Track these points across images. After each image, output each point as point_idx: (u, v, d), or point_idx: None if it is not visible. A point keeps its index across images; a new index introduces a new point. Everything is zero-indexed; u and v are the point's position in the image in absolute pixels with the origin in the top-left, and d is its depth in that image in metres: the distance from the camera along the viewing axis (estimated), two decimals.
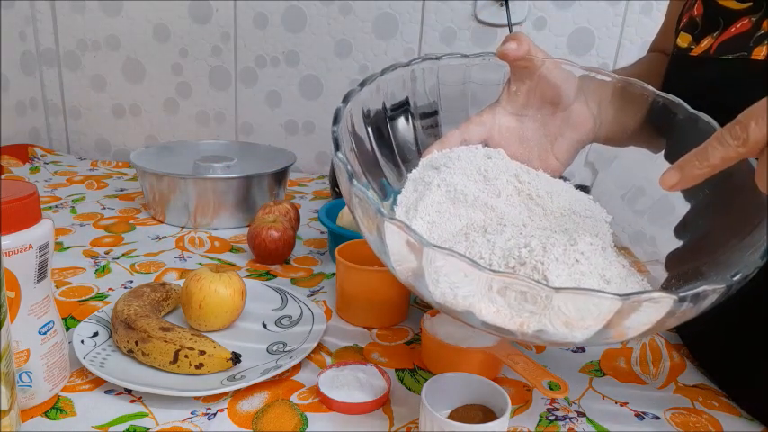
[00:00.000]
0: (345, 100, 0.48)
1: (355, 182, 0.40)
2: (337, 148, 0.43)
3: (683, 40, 0.59)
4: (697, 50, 0.57)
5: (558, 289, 0.34)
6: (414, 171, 0.53)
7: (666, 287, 0.46)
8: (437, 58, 0.55)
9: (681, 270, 0.47)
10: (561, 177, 0.56)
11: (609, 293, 0.34)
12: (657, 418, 0.51)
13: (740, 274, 0.37)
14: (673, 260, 0.49)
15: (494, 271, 0.35)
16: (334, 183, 1.05)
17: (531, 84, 0.54)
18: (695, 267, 0.45)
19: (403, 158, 0.56)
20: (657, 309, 0.35)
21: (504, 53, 0.51)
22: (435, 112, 0.58)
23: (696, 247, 0.48)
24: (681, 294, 0.35)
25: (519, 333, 0.38)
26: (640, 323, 0.37)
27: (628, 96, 0.54)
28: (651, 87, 0.53)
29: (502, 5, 1.16)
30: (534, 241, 0.42)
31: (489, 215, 0.49)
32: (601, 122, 0.55)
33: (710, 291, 0.36)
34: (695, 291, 0.35)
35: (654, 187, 0.53)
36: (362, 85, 0.50)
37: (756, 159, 0.37)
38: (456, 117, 0.57)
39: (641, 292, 0.35)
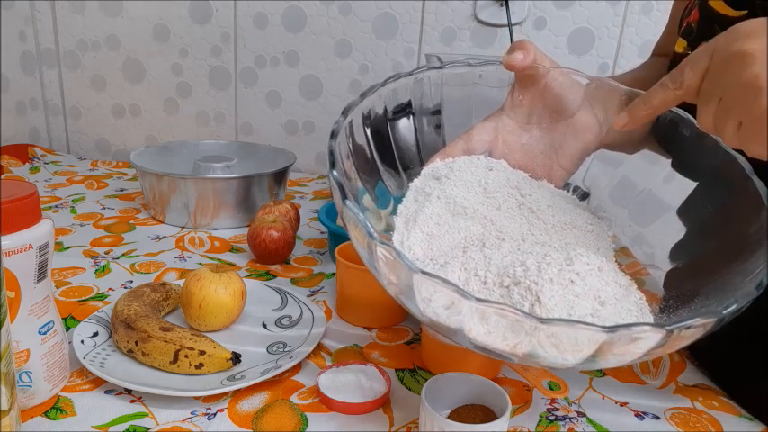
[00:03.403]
0: (345, 113, 0.48)
1: (348, 203, 0.40)
2: (333, 165, 0.43)
3: (680, 46, 0.58)
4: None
5: (542, 320, 0.34)
6: (415, 180, 0.52)
7: (664, 308, 0.46)
8: (441, 67, 0.55)
9: (680, 291, 0.46)
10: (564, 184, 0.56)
11: (594, 326, 0.34)
12: (657, 418, 0.51)
13: (734, 306, 0.37)
14: (673, 280, 0.48)
15: (479, 300, 0.35)
16: None
17: (535, 92, 0.54)
18: (695, 290, 0.45)
19: (404, 165, 0.56)
20: (646, 340, 0.35)
21: (510, 64, 0.51)
22: (438, 111, 0.58)
23: (696, 268, 0.47)
24: (668, 328, 0.34)
25: (511, 355, 0.38)
26: (632, 353, 0.36)
27: None
28: None
29: (502, 5, 1.16)
30: (530, 260, 0.42)
31: (488, 228, 0.49)
32: (607, 129, 0.54)
33: (700, 324, 0.35)
34: (685, 324, 0.35)
35: (658, 200, 0.53)
36: (363, 96, 0.50)
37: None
38: (460, 119, 0.57)
39: (628, 325, 0.35)
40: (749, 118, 0.38)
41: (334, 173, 0.42)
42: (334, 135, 0.45)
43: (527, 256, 0.42)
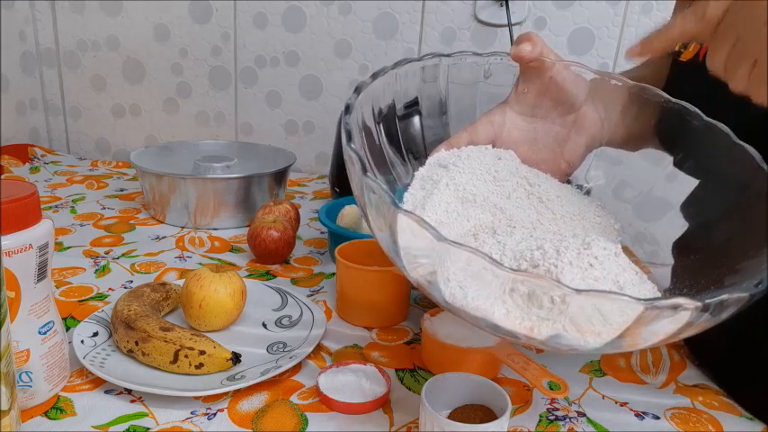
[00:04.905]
0: (357, 91, 0.47)
1: (369, 174, 0.39)
2: (349, 138, 0.42)
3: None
4: (685, 56, 0.57)
5: (578, 291, 0.33)
6: (421, 169, 0.52)
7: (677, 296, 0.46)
8: (449, 56, 0.55)
9: (693, 282, 0.46)
10: (567, 180, 0.56)
11: (631, 297, 0.33)
12: (657, 418, 0.51)
13: (764, 284, 0.37)
14: (682, 273, 0.48)
15: (514, 270, 0.34)
16: (335, 183, 1.05)
17: (540, 85, 0.53)
18: (712, 280, 0.45)
19: (410, 156, 0.56)
20: (678, 317, 0.34)
21: (518, 55, 0.51)
22: (444, 111, 0.57)
23: (710, 260, 0.47)
24: (706, 302, 0.34)
25: (527, 337, 0.38)
26: (657, 332, 0.36)
27: (639, 101, 0.54)
28: (665, 94, 0.52)
29: (502, 5, 1.16)
30: (547, 244, 0.41)
31: (498, 216, 0.48)
32: (610, 126, 0.54)
33: (733, 300, 0.35)
34: (719, 299, 0.34)
35: (662, 196, 0.53)
36: (374, 77, 0.49)
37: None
38: (465, 115, 0.57)
39: (664, 297, 0.34)
40: (766, 56, 0.37)
41: (352, 145, 0.41)
42: (348, 111, 0.45)
43: (543, 242, 0.42)
